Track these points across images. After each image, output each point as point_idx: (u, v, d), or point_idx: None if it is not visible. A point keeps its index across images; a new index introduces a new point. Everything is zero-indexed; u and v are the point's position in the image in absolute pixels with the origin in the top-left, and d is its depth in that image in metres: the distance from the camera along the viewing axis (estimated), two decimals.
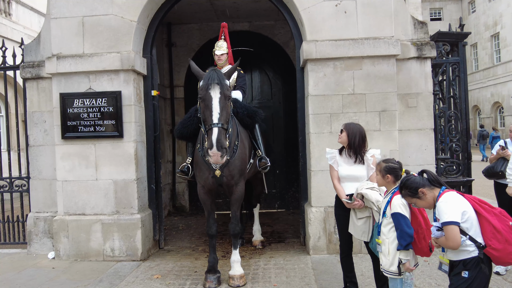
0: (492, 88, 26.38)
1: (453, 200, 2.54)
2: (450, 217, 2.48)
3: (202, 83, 3.77)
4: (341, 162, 3.64)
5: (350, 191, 3.53)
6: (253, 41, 8.14)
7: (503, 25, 25.26)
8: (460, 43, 5.59)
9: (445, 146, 5.60)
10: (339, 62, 5.14)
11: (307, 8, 5.15)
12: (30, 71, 5.68)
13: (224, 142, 3.58)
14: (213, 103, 3.65)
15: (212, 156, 3.54)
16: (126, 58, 5.21)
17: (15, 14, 13.49)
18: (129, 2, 5.27)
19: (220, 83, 3.71)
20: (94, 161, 5.32)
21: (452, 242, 2.47)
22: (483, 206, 2.55)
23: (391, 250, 2.90)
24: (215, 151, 3.49)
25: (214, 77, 3.72)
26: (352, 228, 3.52)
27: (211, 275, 4.30)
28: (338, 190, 3.62)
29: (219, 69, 3.85)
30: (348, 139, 3.58)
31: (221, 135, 3.57)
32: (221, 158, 3.56)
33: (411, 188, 2.69)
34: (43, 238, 5.67)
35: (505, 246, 2.46)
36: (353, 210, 3.48)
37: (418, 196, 2.66)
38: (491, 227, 2.48)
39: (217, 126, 3.57)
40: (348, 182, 3.58)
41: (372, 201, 3.27)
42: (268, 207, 8.22)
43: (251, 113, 4.84)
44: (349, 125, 3.65)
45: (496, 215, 2.51)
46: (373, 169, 3.55)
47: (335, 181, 3.66)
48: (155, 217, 5.69)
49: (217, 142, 3.50)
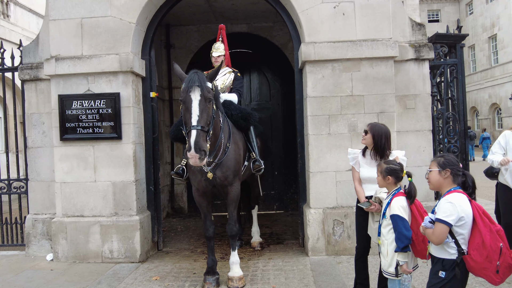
0: (489, 90, 26.47)
1: (457, 203, 2.54)
2: (445, 217, 2.52)
3: (183, 86, 3.75)
4: (363, 163, 3.59)
5: (371, 193, 3.50)
6: (251, 42, 8.16)
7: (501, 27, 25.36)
8: (458, 45, 5.62)
9: (443, 148, 5.61)
10: (337, 64, 5.16)
11: (306, 10, 5.16)
12: (28, 72, 5.68)
13: (202, 144, 3.55)
14: (192, 106, 3.63)
15: (190, 158, 3.52)
16: (125, 59, 5.21)
17: (14, 16, 13.48)
18: (127, 3, 5.28)
19: (201, 86, 3.68)
20: (93, 162, 5.31)
21: (436, 238, 2.57)
22: (483, 219, 2.56)
23: (390, 251, 2.92)
24: (193, 153, 3.48)
25: (194, 79, 3.70)
26: (370, 231, 3.50)
27: (210, 277, 4.30)
28: (358, 193, 3.59)
29: (201, 72, 3.82)
30: (374, 140, 3.48)
31: (200, 137, 3.54)
32: (200, 160, 3.53)
33: (455, 162, 2.67)
34: (42, 240, 5.66)
35: (484, 262, 2.51)
36: (371, 212, 3.45)
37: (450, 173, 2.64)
38: (480, 240, 2.52)
39: (196, 129, 3.55)
40: (369, 184, 3.53)
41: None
42: (267, 209, 8.22)
43: (245, 115, 4.84)
44: (375, 126, 3.54)
45: (491, 232, 2.53)
46: None
47: (356, 183, 3.64)
48: (154, 218, 5.68)
49: (195, 145, 3.49)
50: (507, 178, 4.26)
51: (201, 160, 3.53)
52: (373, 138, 3.49)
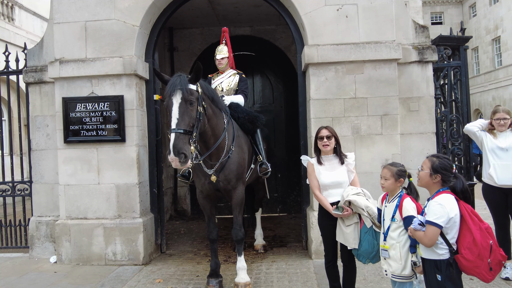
0: (493, 92, 26.36)
1: (447, 204, 2.58)
2: (436, 219, 2.56)
3: (166, 90, 3.69)
4: (322, 170, 3.55)
5: (336, 199, 3.46)
6: (254, 45, 8.16)
7: (504, 29, 25.28)
8: (462, 47, 5.60)
9: (447, 150, 5.59)
10: (340, 66, 5.16)
11: (309, 13, 5.17)
12: (32, 75, 5.71)
13: (182, 147, 3.45)
14: (173, 109, 3.57)
15: (171, 161, 3.46)
16: (129, 62, 5.23)
17: (18, 19, 13.57)
18: (131, 7, 5.30)
19: (182, 88, 3.60)
20: (96, 165, 5.33)
21: (428, 240, 2.60)
22: (472, 217, 2.60)
23: (403, 254, 2.89)
24: (172, 156, 3.41)
25: (176, 83, 3.63)
26: (342, 237, 3.44)
27: (213, 280, 4.29)
28: (322, 201, 3.52)
29: (184, 75, 3.74)
30: (337, 142, 3.57)
31: (179, 140, 3.46)
32: (181, 163, 3.44)
33: (448, 168, 2.69)
34: (45, 242, 5.67)
35: (476, 260, 2.54)
36: (340, 218, 3.42)
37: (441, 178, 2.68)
38: (471, 238, 2.55)
39: (175, 132, 3.47)
40: (332, 189, 3.51)
41: (362, 207, 3.23)
42: (270, 211, 8.21)
43: (252, 118, 4.84)
44: (332, 128, 3.62)
45: (481, 229, 2.57)
46: (353, 173, 3.55)
47: (316, 191, 3.58)
48: (157, 221, 5.68)
49: (173, 148, 3.42)
50: (492, 172, 4.26)
51: (182, 163, 3.44)
52: (336, 140, 3.56)
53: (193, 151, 3.59)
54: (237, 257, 4.40)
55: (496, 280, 4.12)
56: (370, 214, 3.23)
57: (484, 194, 4.48)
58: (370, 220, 3.25)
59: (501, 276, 4.20)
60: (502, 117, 4.24)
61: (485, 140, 4.37)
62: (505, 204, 4.30)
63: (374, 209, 3.23)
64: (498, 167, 4.23)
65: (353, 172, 3.55)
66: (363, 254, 3.28)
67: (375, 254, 3.22)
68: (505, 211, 4.34)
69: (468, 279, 3.96)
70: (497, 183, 4.24)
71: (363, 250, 3.27)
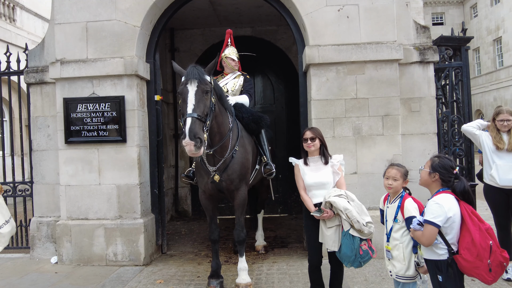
0: (495, 93, 26.35)
1: (445, 204, 2.58)
2: (433, 219, 2.57)
3: (182, 79, 3.76)
4: (307, 171, 3.57)
5: (319, 200, 3.47)
6: (255, 46, 8.15)
7: (505, 30, 25.27)
8: (463, 48, 5.59)
9: (448, 151, 5.58)
10: (341, 67, 5.15)
11: (310, 13, 5.16)
12: (34, 76, 5.71)
13: (198, 132, 3.44)
14: (189, 96, 3.61)
15: (185, 146, 3.42)
16: (130, 63, 5.23)
17: (20, 20, 13.60)
18: (132, 7, 5.31)
19: (199, 78, 3.67)
20: (97, 165, 5.33)
21: (426, 239, 2.62)
22: (472, 218, 2.59)
23: (406, 254, 2.89)
24: (187, 140, 3.38)
25: (193, 72, 3.70)
26: (322, 238, 3.45)
27: (214, 280, 4.29)
28: (306, 202, 3.54)
29: (199, 66, 3.81)
30: (322, 143, 3.58)
31: (195, 124, 3.45)
32: (195, 148, 3.41)
33: (448, 167, 2.69)
34: (46, 242, 5.67)
35: (475, 260, 2.53)
36: (322, 219, 3.41)
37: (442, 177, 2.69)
38: (470, 238, 2.54)
39: (191, 116, 3.48)
40: (316, 190, 3.52)
41: (340, 209, 3.22)
42: (271, 212, 8.20)
43: (256, 118, 4.84)
44: (316, 130, 3.63)
45: (480, 230, 2.56)
46: (339, 175, 3.54)
47: (302, 192, 3.59)
48: (158, 221, 5.68)
49: (189, 131, 3.39)
50: (493, 173, 4.24)
51: (197, 148, 3.42)
52: (321, 141, 3.57)
53: (206, 138, 3.60)
54: (239, 258, 4.39)
55: (498, 281, 4.10)
56: (349, 217, 3.20)
57: (485, 195, 4.46)
58: (349, 223, 3.22)
59: (503, 277, 4.18)
60: (506, 118, 4.22)
61: (485, 141, 4.35)
62: (507, 205, 4.29)
63: (353, 212, 3.21)
64: (500, 167, 4.22)
65: (339, 174, 3.54)
66: (344, 258, 3.27)
67: (354, 258, 3.21)
68: (507, 212, 4.32)
69: (469, 280, 3.94)
70: (499, 183, 4.22)
71: (343, 254, 3.26)
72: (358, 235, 3.22)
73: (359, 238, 3.22)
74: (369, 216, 3.33)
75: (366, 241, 3.26)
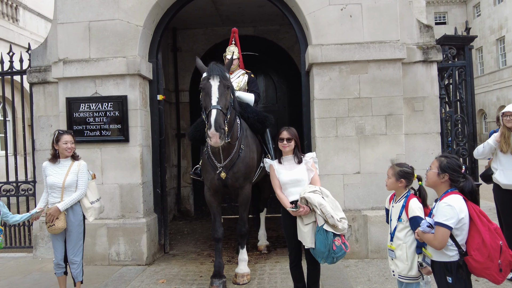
0: (498, 92, 26.25)
1: (456, 205, 2.54)
2: (446, 221, 2.51)
3: (204, 75, 3.94)
4: (281, 169, 3.62)
5: (295, 197, 3.49)
6: (258, 45, 8.16)
7: (509, 29, 25.17)
8: (466, 47, 5.56)
9: (452, 150, 5.55)
10: (344, 66, 5.14)
11: (312, 13, 5.15)
12: (36, 75, 5.72)
13: (222, 123, 3.65)
14: (212, 90, 3.80)
15: (211, 137, 3.59)
16: (132, 62, 5.23)
17: (22, 20, 13.63)
18: (134, 7, 5.30)
19: (221, 74, 3.87)
20: (100, 165, 5.33)
21: (438, 243, 2.55)
22: (481, 218, 2.55)
23: (410, 254, 2.87)
24: (213, 131, 3.56)
25: (215, 68, 3.90)
26: (300, 236, 3.46)
27: (217, 280, 4.28)
28: (282, 199, 3.57)
29: (220, 63, 4.02)
30: (296, 143, 3.63)
31: (220, 116, 3.65)
32: (220, 139, 3.61)
33: (456, 168, 2.66)
34: (49, 242, 5.66)
35: (486, 261, 2.49)
36: (299, 216, 3.43)
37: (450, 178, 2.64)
38: (480, 239, 2.50)
39: (216, 108, 3.67)
40: (291, 188, 3.56)
41: (315, 204, 3.26)
42: (273, 212, 8.15)
43: (261, 118, 4.91)
44: (292, 130, 3.66)
45: (490, 230, 2.52)
46: (313, 172, 3.57)
47: (278, 190, 3.64)
48: (160, 221, 5.68)
49: (215, 123, 3.58)
50: (497, 177, 4.26)
51: (221, 139, 3.62)
52: (295, 142, 3.62)
53: (226, 131, 3.78)
54: (240, 249, 4.52)
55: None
56: (323, 213, 3.23)
57: (494, 193, 4.48)
58: (323, 218, 3.25)
59: (507, 277, 4.15)
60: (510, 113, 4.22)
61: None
62: None
63: (327, 207, 3.24)
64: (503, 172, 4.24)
65: (313, 171, 3.59)
66: (318, 254, 3.30)
67: (327, 254, 3.23)
68: None
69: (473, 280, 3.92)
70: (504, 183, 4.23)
71: (317, 249, 3.28)
72: (332, 230, 3.25)
73: (333, 234, 3.25)
74: (343, 212, 3.38)
75: (339, 237, 3.29)
